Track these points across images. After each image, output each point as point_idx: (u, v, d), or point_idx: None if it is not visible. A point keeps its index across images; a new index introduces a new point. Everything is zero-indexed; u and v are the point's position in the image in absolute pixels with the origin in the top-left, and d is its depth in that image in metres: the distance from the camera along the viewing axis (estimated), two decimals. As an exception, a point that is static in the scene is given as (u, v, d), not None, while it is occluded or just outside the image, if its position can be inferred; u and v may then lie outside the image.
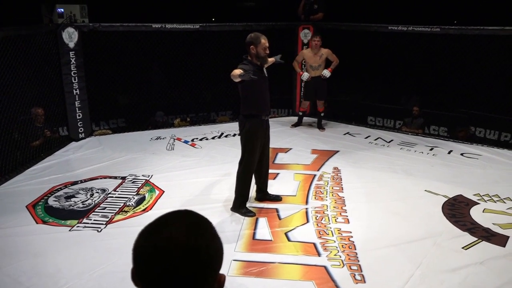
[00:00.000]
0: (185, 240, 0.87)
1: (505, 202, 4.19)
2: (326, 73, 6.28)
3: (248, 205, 3.95)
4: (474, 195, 4.31)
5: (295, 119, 7.05)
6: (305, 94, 6.78)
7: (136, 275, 0.90)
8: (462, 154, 5.57)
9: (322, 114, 6.68)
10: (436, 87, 7.09)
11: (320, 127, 6.68)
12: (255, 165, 3.86)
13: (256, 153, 3.80)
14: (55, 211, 3.91)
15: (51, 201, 4.10)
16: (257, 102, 3.71)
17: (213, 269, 0.89)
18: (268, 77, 3.84)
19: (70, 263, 3.11)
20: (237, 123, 3.89)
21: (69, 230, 3.58)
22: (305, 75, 6.43)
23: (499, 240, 3.47)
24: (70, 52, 5.72)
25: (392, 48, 6.75)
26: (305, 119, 7.00)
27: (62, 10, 5.77)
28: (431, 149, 5.74)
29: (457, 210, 3.99)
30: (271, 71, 4.08)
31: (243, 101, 3.72)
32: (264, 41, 3.63)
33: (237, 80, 3.46)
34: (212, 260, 0.89)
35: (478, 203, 4.15)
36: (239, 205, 3.88)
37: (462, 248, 3.35)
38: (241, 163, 3.84)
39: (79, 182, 4.57)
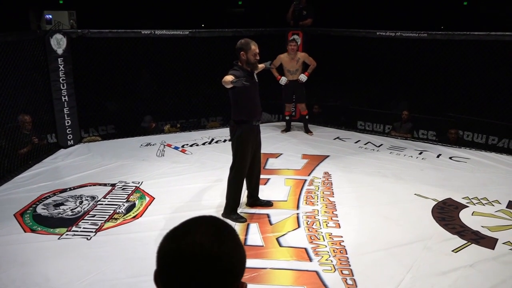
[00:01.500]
0: (210, 246, 0.87)
1: (493, 205, 4.23)
2: (303, 77, 6.39)
3: (239, 210, 3.94)
4: (463, 198, 4.35)
5: (283, 126, 7.06)
6: (284, 97, 6.76)
7: (159, 277, 0.90)
8: (450, 158, 5.62)
9: (306, 117, 6.71)
10: (424, 91, 7.16)
11: (308, 130, 6.70)
12: (247, 171, 3.86)
13: (248, 159, 3.80)
14: (44, 219, 3.85)
15: (40, 209, 4.04)
16: (248, 107, 3.71)
17: (235, 276, 0.89)
18: (258, 83, 3.85)
19: (59, 272, 3.07)
20: (228, 128, 3.88)
21: (58, 239, 3.53)
22: (283, 80, 6.47)
23: (488, 242, 3.51)
24: (59, 59, 5.68)
25: (381, 53, 6.82)
26: (295, 124, 7.02)
27: (51, 16, 5.74)
28: (420, 153, 5.79)
29: (446, 214, 4.03)
30: (261, 76, 4.10)
31: (234, 107, 3.73)
32: (254, 47, 3.65)
33: (229, 86, 3.47)
34: (234, 268, 0.89)
35: (467, 206, 4.19)
36: (230, 211, 3.86)
37: (452, 251, 3.38)
38: (232, 168, 3.84)
39: (68, 189, 4.52)
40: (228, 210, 3.87)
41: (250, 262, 3.18)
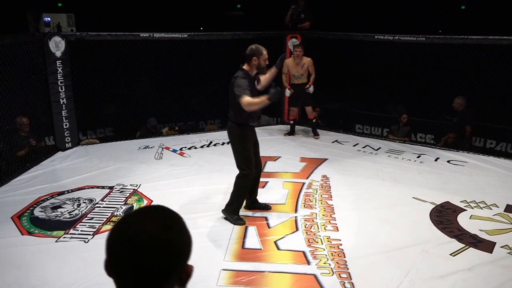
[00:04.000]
0: (156, 233, 0.92)
1: (491, 209, 4.24)
2: (311, 89, 6.36)
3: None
4: (461, 201, 4.36)
5: (284, 127, 7.06)
6: (289, 100, 6.76)
7: (109, 265, 0.95)
8: (448, 161, 5.63)
9: (314, 121, 6.67)
10: (422, 95, 7.18)
11: (315, 133, 6.67)
12: (254, 169, 3.83)
13: (252, 156, 3.80)
14: (41, 222, 3.84)
15: (37, 212, 4.03)
16: (251, 112, 3.71)
17: (181, 260, 0.94)
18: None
19: (56, 275, 3.06)
20: (223, 132, 3.89)
21: (56, 241, 3.52)
22: (288, 93, 6.46)
23: (486, 246, 3.51)
24: (57, 61, 5.67)
25: (379, 57, 6.84)
26: (297, 127, 7.02)
27: (49, 19, 5.74)
28: (418, 157, 5.80)
29: (444, 217, 4.03)
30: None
31: (234, 110, 3.72)
32: (265, 52, 3.75)
33: (262, 105, 3.51)
34: (180, 252, 0.94)
35: (465, 210, 4.19)
36: (232, 211, 3.85)
37: (450, 254, 3.38)
38: (240, 168, 3.80)
39: (66, 192, 4.51)
40: (230, 209, 3.85)
41: (248, 265, 3.17)
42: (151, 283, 0.92)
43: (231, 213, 3.85)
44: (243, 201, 3.95)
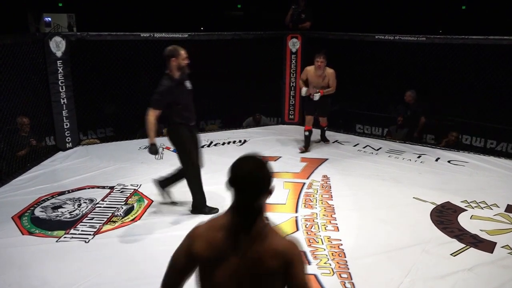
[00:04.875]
0: (255, 171, 1.48)
1: (492, 209, 4.24)
2: (317, 96, 5.76)
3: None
4: (461, 202, 4.36)
5: (284, 127, 7.05)
6: (305, 108, 6.31)
7: (229, 183, 1.48)
8: (449, 162, 5.63)
9: (325, 129, 6.44)
10: (423, 95, 7.18)
11: (325, 139, 6.45)
12: (200, 164, 3.99)
13: (195, 152, 3.93)
14: (42, 222, 3.84)
15: (38, 212, 4.03)
16: (183, 113, 3.82)
17: (268, 185, 1.49)
18: (192, 89, 3.94)
19: (57, 275, 3.06)
20: (224, 132, 3.92)
21: (56, 241, 3.52)
22: (304, 91, 5.86)
23: (487, 246, 3.51)
24: (58, 61, 5.67)
25: (379, 57, 6.83)
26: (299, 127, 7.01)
27: (50, 19, 5.74)
28: (418, 157, 5.79)
29: (445, 217, 4.03)
30: (262, 78, 4.11)
31: (170, 112, 3.81)
32: (183, 52, 3.79)
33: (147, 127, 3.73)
34: (268, 182, 1.49)
35: (466, 210, 4.19)
36: (201, 206, 4.00)
37: (451, 254, 3.38)
38: (185, 165, 3.94)
39: (67, 192, 4.51)
40: (199, 205, 3.99)
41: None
42: (253, 196, 1.47)
43: (201, 208, 3.98)
44: (204, 193, 4.05)
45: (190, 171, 3.94)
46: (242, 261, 1.43)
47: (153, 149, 3.83)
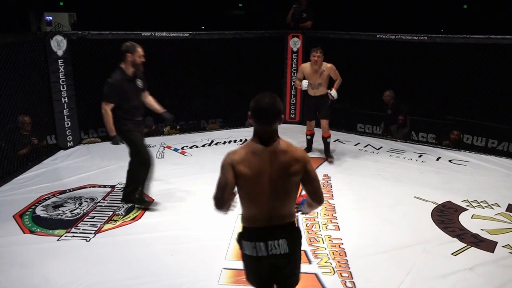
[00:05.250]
0: (272, 103, 1.98)
1: (493, 208, 4.23)
2: (334, 93, 5.33)
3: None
4: (462, 201, 4.35)
5: (285, 127, 7.04)
6: (305, 113, 5.95)
7: (252, 116, 2.00)
8: (450, 161, 5.62)
9: (328, 140, 5.60)
10: (424, 94, 7.17)
11: (329, 155, 5.58)
12: (148, 156, 4.02)
13: (143, 144, 4.01)
14: (43, 220, 3.85)
15: (39, 211, 4.04)
16: (129, 108, 3.88)
17: (280, 114, 2.01)
18: (142, 87, 4.01)
19: (58, 274, 3.06)
20: (226, 131, 3.92)
21: (57, 240, 3.53)
22: (304, 83, 5.39)
23: (488, 246, 3.51)
24: (59, 60, 5.68)
25: (380, 56, 6.82)
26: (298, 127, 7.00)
27: (51, 18, 5.74)
28: (419, 156, 5.79)
29: (446, 217, 4.03)
30: (261, 77, 4.10)
31: (116, 107, 3.86)
32: (140, 50, 3.84)
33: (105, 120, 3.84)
34: (280, 111, 2.00)
35: (467, 209, 4.19)
36: (132, 193, 4.11)
37: (452, 254, 3.38)
38: (133, 157, 4.02)
39: (68, 191, 4.51)
40: (127, 196, 4.13)
41: None
42: (271, 122, 1.99)
43: (128, 199, 4.12)
44: (137, 187, 4.12)
45: (135, 164, 4.03)
46: (274, 170, 1.99)
47: (116, 140, 3.90)
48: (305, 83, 5.39)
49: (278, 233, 2.04)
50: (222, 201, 2.01)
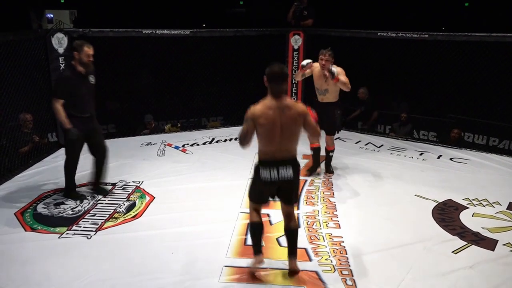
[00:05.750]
0: (281, 68, 2.83)
1: (493, 206, 4.23)
2: (334, 70, 4.52)
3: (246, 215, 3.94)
4: (463, 199, 4.35)
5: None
6: None
7: (267, 79, 2.81)
8: (451, 159, 5.62)
9: (331, 154, 5.08)
10: (425, 92, 7.16)
11: (329, 170, 5.06)
12: (78, 155, 4.20)
13: (76, 144, 4.10)
14: (44, 218, 3.86)
15: (40, 208, 4.05)
16: (77, 105, 3.96)
17: (287, 76, 2.88)
18: (93, 84, 4.10)
19: (59, 271, 3.07)
20: (227, 128, 3.93)
21: (58, 238, 3.54)
22: (305, 61, 4.73)
23: (488, 244, 3.51)
24: (60, 58, 5.68)
25: (382, 54, 6.81)
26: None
27: (52, 15, 5.74)
28: (420, 154, 5.79)
29: (446, 215, 4.03)
30: (262, 75, 4.09)
31: (65, 103, 3.93)
32: (87, 49, 3.90)
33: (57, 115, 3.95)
34: (287, 74, 2.87)
35: (468, 208, 4.19)
36: (70, 191, 4.28)
37: (452, 252, 3.38)
38: (66, 152, 4.20)
39: (69, 188, 4.51)
40: (65, 190, 4.30)
41: (250, 262, 3.18)
42: (282, 83, 2.80)
43: (67, 193, 4.27)
44: (72, 179, 4.29)
45: (67, 159, 4.19)
46: (284, 120, 2.79)
47: (72, 133, 3.95)
48: (305, 61, 4.72)
49: (286, 162, 2.84)
50: (244, 141, 2.86)
